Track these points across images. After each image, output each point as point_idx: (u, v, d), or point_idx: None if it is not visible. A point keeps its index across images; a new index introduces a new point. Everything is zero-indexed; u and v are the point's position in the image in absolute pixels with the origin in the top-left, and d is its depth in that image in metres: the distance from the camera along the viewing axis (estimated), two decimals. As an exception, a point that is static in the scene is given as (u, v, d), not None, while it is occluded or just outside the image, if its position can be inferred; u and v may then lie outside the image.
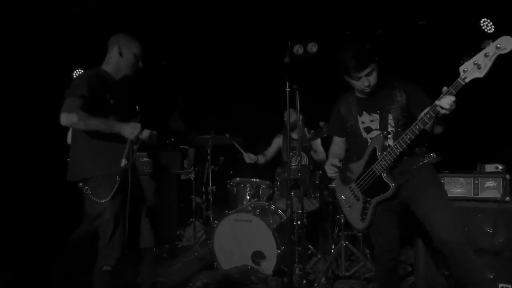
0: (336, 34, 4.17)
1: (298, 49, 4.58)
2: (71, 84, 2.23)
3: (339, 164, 2.31)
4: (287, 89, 2.63)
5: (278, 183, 3.87)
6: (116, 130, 2.20)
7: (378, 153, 2.20)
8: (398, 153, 2.11)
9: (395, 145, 2.10)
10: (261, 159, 4.18)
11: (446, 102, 1.85)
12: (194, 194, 4.38)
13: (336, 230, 3.84)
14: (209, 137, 4.09)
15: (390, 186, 2.17)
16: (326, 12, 4.15)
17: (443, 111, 1.88)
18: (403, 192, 2.23)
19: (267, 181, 3.92)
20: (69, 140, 3.05)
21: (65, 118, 2.13)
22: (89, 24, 3.87)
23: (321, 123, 3.53)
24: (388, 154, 2.14)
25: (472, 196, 2.81)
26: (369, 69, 2.15)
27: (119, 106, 2.34)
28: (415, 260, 2.94)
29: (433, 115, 1.93)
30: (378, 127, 2.26)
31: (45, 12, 3.67)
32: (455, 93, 1.86)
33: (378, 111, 2.26)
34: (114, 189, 2.21)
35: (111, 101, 2.29)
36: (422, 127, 1.99)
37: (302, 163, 3.66)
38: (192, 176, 4.37)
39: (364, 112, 2.31)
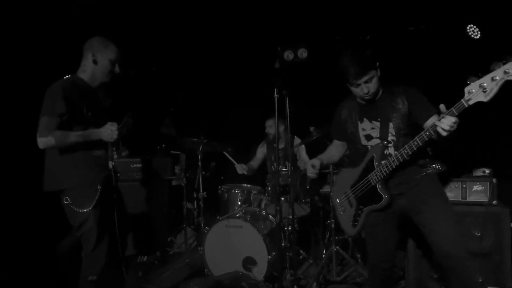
0: (325, 39, 4.20)
1: (289, 55, 4.63)
2: (46, 99, 2.16)
3: (318, 167, 2.33)
4: (276, 95, 2.63)
5: (269, 189, 3.87)
6: (94, 138, 2.19)
7: (376, 163, 2.16)
8: (394, 166, 2.07)
9: (392, 158, 2.06)
10: (250, 170, 4.21)
11: (446, 123, 1.79)
12: (185, 200, 4.36)
13: (327, 235, 3.85)
14: (199, 140, 4.07)
15: (383, 198, 2.15)
16: (315, 18, 4.18)
17: (444, 133, 1.82)
18: (402, 201, 2.19)
19: (258, 187, 3.92)
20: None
21: (43, 143, 2.13)
22: (86, 25, 3.84)
23: (312, 128, 3.55)
24: (384, 166, 2.11)
25: (460, 199, 2.84)
26: (369, 75, 2.08)
27: (97, 116, 2.30)
28: (406, 263, 2.95)
29: (433, 134, 1.88)
30: (378, 135, 2.20)
31: (42, 11, 3.63)
32: (457, 114, 1.79)
33: (379, 119, 2.20)
34: (96, 198, 2.19)
35: (89, 113, 2.25)
36: (420, 144, 1.94)
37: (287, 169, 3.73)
38: (183, 182, 4.35)
39: (365, 119, 2.25)
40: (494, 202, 2.74)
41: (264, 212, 3.61)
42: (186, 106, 5.09)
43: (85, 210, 2.17)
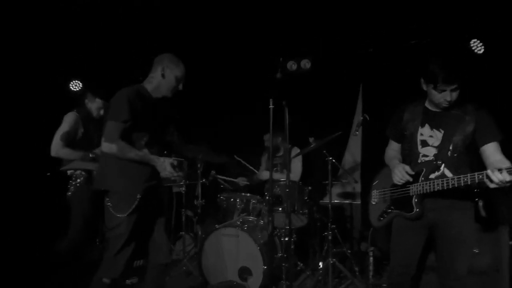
0: (325, 52, 4.22)
1: (292, 65, 4.65)
2: (112, 104, 2.30)
3: (412, 172, 2.19)
4: (271, 106, 2.64)
5: (267, 198, 3.87)
6: (149, 163, 2.30)
7: (422, 178, 2.15)
8: (436, 190, 2.06)
9: (437, 182, 2.05)
10: (258, 179, 4.25)
11: (498, 178, 1.78)
12: (185, 207, 4.36)
13: (325, 247, 3.81)
14: (200, 149, 4.08)
15: (414, 210, 2.17)
16: (315, 31, 4.20)
17: (491, 185, 1.82)
18: (432, 215, 2.19)
19: (258, 196, 3.91)
20: (53, 152, 3.11)
21: (106, 148, 2.25)
22: (86, 25, 3.88)
23: (311, 139, 3.55)
24: (428, 185, 2.10)
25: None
26: (457, 84, 2.04)
27: (152, 125, 2.41)
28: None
29: (484, 179, 1.86)
30: (434, 144, 2.17)
31: (42, 11, 3.69)
32: None
33: (442, 130, 2.16)
34: (133, 206, 2.26)
35: (146, 121, 2.36)
36: (468, 183, 1.91)
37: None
38: (183, 189, 4.36)
39: (427, 125, 2.22)
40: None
41: (262, 222, 3.60)
42: (183, 119, 5.12)
43: (120, 215, 2.25)
